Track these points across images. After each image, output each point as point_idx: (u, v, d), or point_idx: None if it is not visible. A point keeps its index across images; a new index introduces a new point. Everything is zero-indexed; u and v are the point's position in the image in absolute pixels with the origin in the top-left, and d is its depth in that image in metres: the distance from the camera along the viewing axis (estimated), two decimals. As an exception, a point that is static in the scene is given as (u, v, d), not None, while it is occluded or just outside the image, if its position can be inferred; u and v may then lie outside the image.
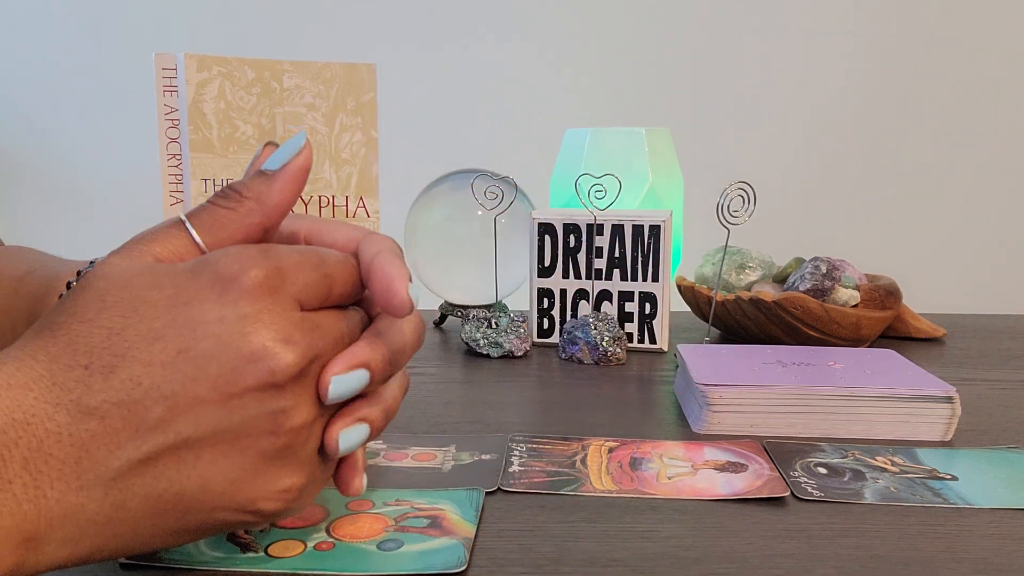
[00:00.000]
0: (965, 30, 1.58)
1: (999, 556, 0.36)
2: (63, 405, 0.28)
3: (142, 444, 0.28)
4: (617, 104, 1.61)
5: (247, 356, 0.29)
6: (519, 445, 0.49)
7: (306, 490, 0.32)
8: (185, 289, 0.30)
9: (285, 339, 0.30)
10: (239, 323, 0.29)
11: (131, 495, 0.29)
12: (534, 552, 0.36)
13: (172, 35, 1.61)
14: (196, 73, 0.69)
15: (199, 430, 0.29)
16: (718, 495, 0.42)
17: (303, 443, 0.31)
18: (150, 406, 0.28)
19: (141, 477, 0.29)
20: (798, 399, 0.52)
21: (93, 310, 0.29)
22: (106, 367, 0.29)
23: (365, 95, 0.76)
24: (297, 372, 0.30)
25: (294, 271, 0.31)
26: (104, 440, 0.28)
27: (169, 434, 0.29)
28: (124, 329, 0.29)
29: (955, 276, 1.61)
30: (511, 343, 0.71)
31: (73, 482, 0.28)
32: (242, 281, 0.30)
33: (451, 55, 1.62)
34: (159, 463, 0.29)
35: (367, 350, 0.33)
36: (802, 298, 0.71)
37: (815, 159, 1.62)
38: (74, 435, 0.28)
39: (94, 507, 0.28)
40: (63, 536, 0.28)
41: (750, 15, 1.59)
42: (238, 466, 0.30)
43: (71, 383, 0.28)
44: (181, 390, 0.29)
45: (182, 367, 0.29)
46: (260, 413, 0.29)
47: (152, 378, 0.29)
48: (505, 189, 0.77)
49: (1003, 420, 0.55)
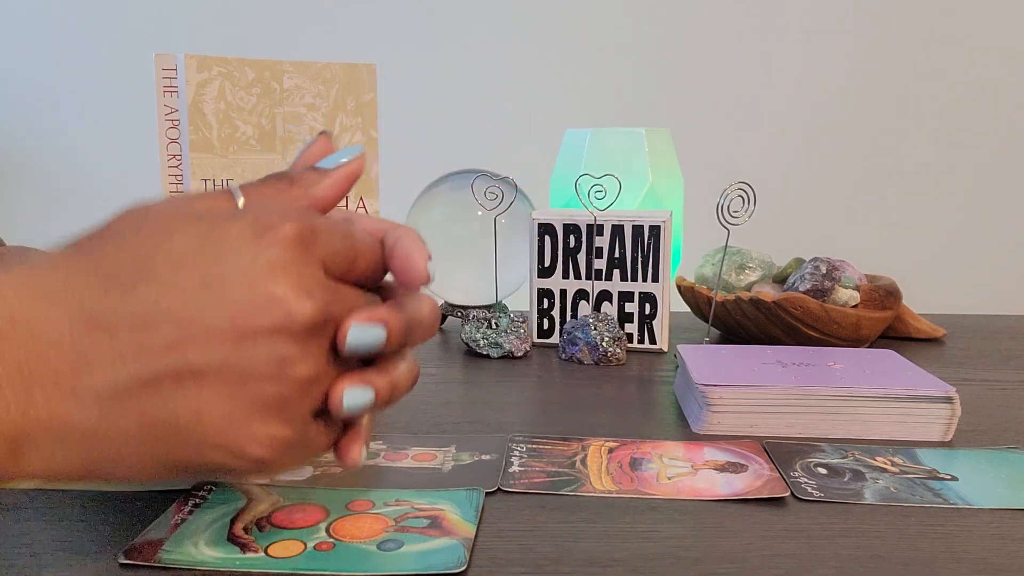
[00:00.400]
0: (965, 30, 1.58)
1: (999, 556, 0.36)
2: (73, 314, 0.28)
3: (148, 364, 0.28)
4: (617, 104, 1.61)
5: (267, 298, 0.29)
6: (519, 445, 0.49)
7: (293, 446, 0.32)
8: (222, 227, 0.30)
9: (307, 291, 0.30)
10: (267, 267, 0.30)
11: (125, 414, 0.29)
12: (534, 552, 0.36)
13: (172, 35, 1.61)
14: (196, 73, 0.69)
15: (206, 361, 0.29)
16: (718, 495, 0.42)
17: (301, 397, 0.31)
18: (163, 328, 0.28)
19: (139, 398, 0.29)
20: (798, 399, 0.52)
21: (127, 236, 0.30)
22: (127, 284, 0.29)
23: (365, 95, 0.76)
24: (311, 324, 0.30)
25: (326, 236, 0.32)
26: (109, 355, 0.28)
27: (176, 359, 0.28)
28: (154, 253, 0.29)
29: (955, 276, 1.60)
30: (511, 343, 0.71)
31: (67, 390, 0.28)
32: (277, 230, 0.30)
33: (451, 55, 1.62)
34: (160, 387, 0.29)
35: (387, 310, 0.34)
36: (802, 298, 0.71)
37: (815, 159, 1.62)
38: (76, 345, 0.28)
39: (82, 418, 0.28)
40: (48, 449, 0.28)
41: (750, 15, 1.59)
42: (235, 404, 0.30)
43: (86, 294, 0.28)
44: (197, 317, 0.29)
45: (203, 296, 0.29)
46: (268, 356, 0.30)
47: (171, 301, 0.29)
48: (505, 189, 0.77)
49: (1003, 420, 0.55)
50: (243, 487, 0.43)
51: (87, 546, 0.37)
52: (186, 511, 0.40)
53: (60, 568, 0.35)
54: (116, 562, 0.35)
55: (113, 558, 0.35)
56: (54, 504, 0.41)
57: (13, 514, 0.40)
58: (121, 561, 0.35)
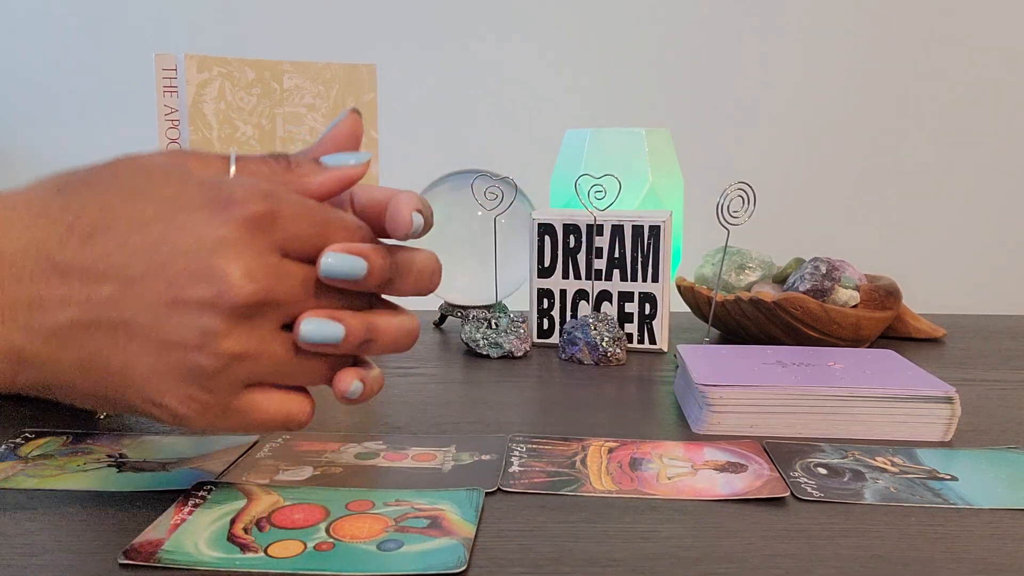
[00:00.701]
0: (965, 30, 1.58)
1: (999, 556, 0.36)
2: (34, 252, 0.31)
3: (88, 311, 0.31)
4: (617, 104, 1.61)
5: (207, 271, 0.31)
6: (519, 445, 0.49)
7: (213, 408, 0.34)
8: (187, 194, 0.32)
9: (247, 273, 0.31)
10: (216, 242, 0.31)
11: (64, 349, 0.32)
12: (534, 552, 0.36)
13: (172, 35, 1.61)
14: (196, 73, 0.69)
15: (138, 318, 0.31)
16: (718, 495, 0.42)
17: (224, 369, 0.33)
18: (108, 282, 0.31)
19: (76, 339, 0.31)
20: (798, 399, 0.52)
21: (103, 182, 0.32)
22: (85, 233, 0.31)
23: (365, 95, 0.76)
24: (245, 304, 0.32)
25: (288, 220, 0.33)
26: (57, 294, 0.31)
27: (113, 313, 0.31)
28: (118, 206, 0.31)
29: (955, 276, 1.60)
30: (511, 343, 0.71)
31: (21, 322, 0.31)
32: (235, 209, 0.32)
33: (451, 55, 1.62)
34: (95, 333, 0.31)
35: (369, 247, 0.35)
36: (802, 298, 0.71)
37: (815, 159, 1.62)
38: (35, 282, 0.31)
39: (32, 351, 0.32)
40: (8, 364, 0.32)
41: (750, 15, 1.59)
42: (159, 361, 0.32)
43: (50, 235, 0.31)
44: (139, 278, 0.31)
45: (150, 258, 0.31)
46: (195, 326, 0.31)
47: (120, 257, 0.31)
48: (505, 189, 0.77)
49: (1003, 420, 0.55)
50: (243, 487, 0.43)
51: (87, 546, 0.37)
52: (186, 511, 0.39)
53: (60, 568, 0.35)
54: (116, 562, 0.35)
55: (113, 558, 0.35)
56: (54, 504, 0.41)
57: (13, 514, 0.40)
58: (121, 561, 0.35)
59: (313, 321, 0.34)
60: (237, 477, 0.44)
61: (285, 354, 0.34)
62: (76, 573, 0.34)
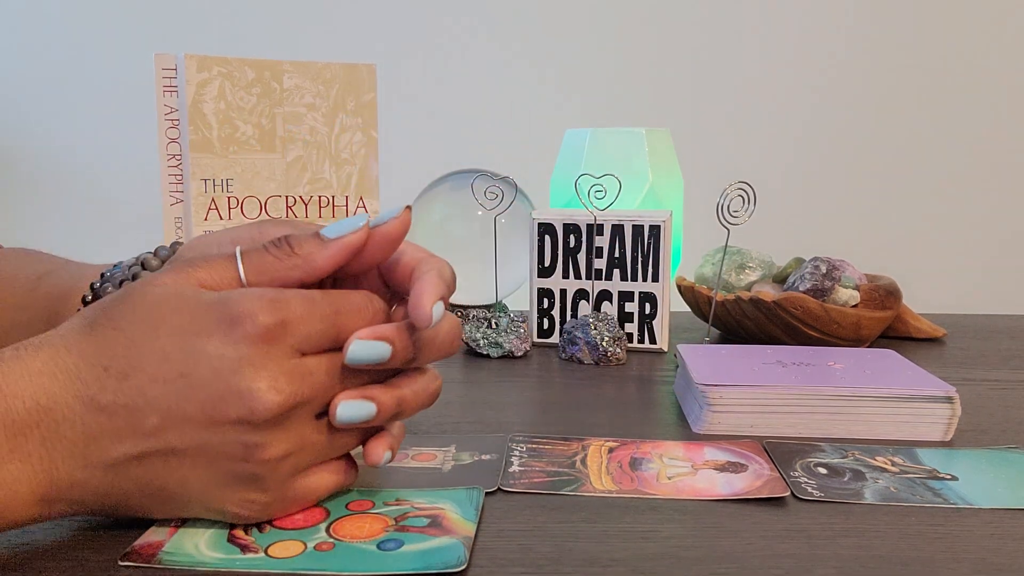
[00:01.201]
0: (965, 30, 1.58)
1: (999, 556, 0.36)
2: (80, 398, 0.33)
3: (137, 444, 0.34)
4: (617, 104, 1.60)
5: (234, 392, 0.33)
6: (519, 445, 0.49)
7: (272, 505, 0.37)
8: (200, 319, 0.34)
9: (272, 385, 0.34)
10: (235, 362, 0.33)
11: (125, 479, 0.34)
12: (534, 552, 0.36)
13: (172, 35, 1.61)
14: (196, 73, 0.69)
15: (183, 443, 0.34)
16: (718, 495, 0.42)
17: (271, 471, 0.35)
18: (149, 415, 0.33)
19: (134, 468, 0.34)
20: (798, 399, 0.52)
21: (126, 320, 0.34)
22: (121, 373, 0.34)
23: (365, 95, 0.76)
24: (275, 415, 0.34)
25: (299, 323, 0.35)
26: (109, 433, 0.33)
27: (160, 441, 0.34)
28: (143, 343, 0.34)
29: (955, 276, 1.60)
30: (511, 343, 0.71)
31: (80, 461, 0.34)
32: (247, 326, 0.34)
33: (451, 55, 1.62)
34: (149, 461, 0.34)
35: (393, 329, 0.37)
36: (802, 298, 0.71)
37: (815, 159, 1.62)
38: (86, 424, 0.33)
39: (95, 483, 0.34)
40: (70, 499, 0.34)
41: (750, 15, 1.59)
42: (212, 475, 0.35)
43: (91, 380, 0.33)
44: (176, 407, 0.33)
45: (180, 388, 0.33)
46: (236, 441, 0.34)
47: (154, 391, 0.33)
48: (505, 189, 0.77)
49: (1003, 420, 0.55)
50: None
51: (87, 547, 0.37)
52: (186, 511, 0.39)
53: (60, 569, 0.35)
54: (116, 563, 0.35)
55: (113, 559, 0.35)
56: (54, 504, 0.41)
57: (13, 514, 0.40)
58: (121, 563, 0.35)
59: (347, 405, 0.36)
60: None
61: (324, 438, 0.37)
62: (76, 573, 0.34)
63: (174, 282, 0.36)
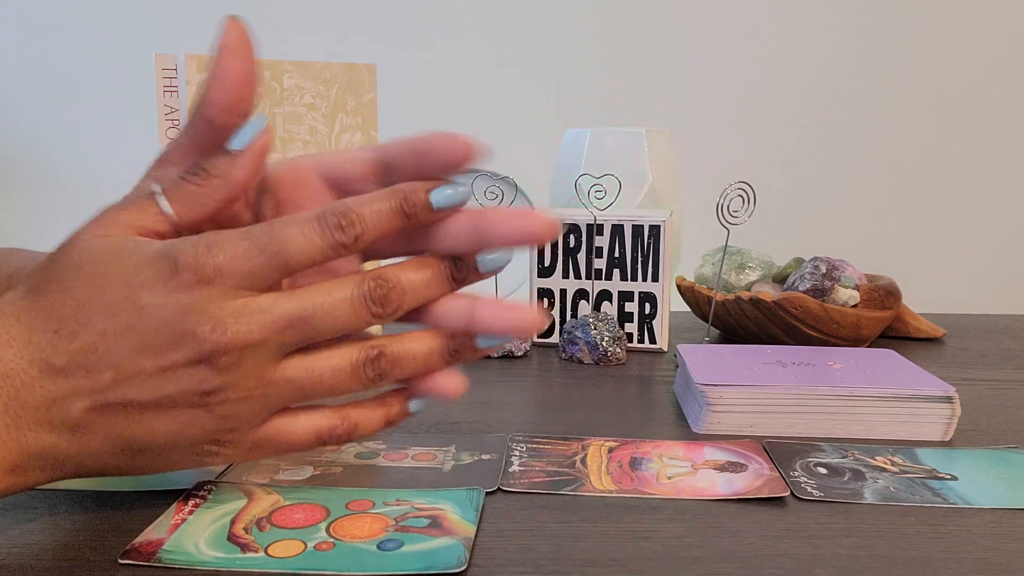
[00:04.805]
0: (965, 30, 1.58)
1: (999, 556, 0.36)
2: (36, 363, 0.34)
3: (96, 399, 0.34)
4: (617, 104, 1.61)
5: (180, 338, 0.34)
6: (519, 445, 0.49)
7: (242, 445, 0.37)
8: (142, 271, 0.34)
9: (215, 327, 0.34)
10: (178, 310, 0.34)
11: (93, 437, 0.35)
12: (534, 552, 0.36)
13: (172, 35, 1.61)
14: (196, 73, 0.69)
15: (141, 395, 0.34)
16: (718, 495, 0.42)
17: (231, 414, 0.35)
18: (103, 370, 0.34)
19: (98, 424, 0.34)
20: (798, 399, 0.52)
21: (69, 279, 0.35)
22: (71, 334, 0.34)
23: (365, 95, 0.76)
24: (224, 353, 0.34)
25: (235, 261, 0.34)
26: (68, 394, 0.34)
27: (117, 394, 0.34)
28: (89, 301, 0.34)
29: (955, 276, 1.60)
30: (511, 343, 0.71)
31: (46, 425, 0.34)
32: (184, 274, 0.34)
33: (451, 55, 1.62)
34: (112, 414, 0.34)
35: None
36: (802, 298, 0.71)
37: (815, 159, 1.62)
38: (44, 388, 0.34)
39: (65, 445, 0.34)
40: (42, 465, 0.35)
41: (750, 15, 1.59)
42: (175, 424, 0.35)
43: (44, 344, 0.34)
44: (127, 360, 0.34)
45: (130, 341, 0.34)
46: (191, 388, 0.34)
47: (105, 347, 0.34)
48: (505, 189, 0.77)
49: (1003, 420, 0.55)
50: (243, 487, 0.43)
51: (87, 546, 0.37)
52: (186, 511, 0.40)
53: (60, 568, 0.35)
54: (116, 562, 0.35)
55: (113, 558, 0.35)
56: (54, 504, 0.41)
57: (13, 514, 0.40)
58: (121, 561, 0.35)
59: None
60: (237, 477, 0.44)
61: (294, 380, 0.36)
62: (76, 573, 0.34)
63: (109, 233, 0.36)
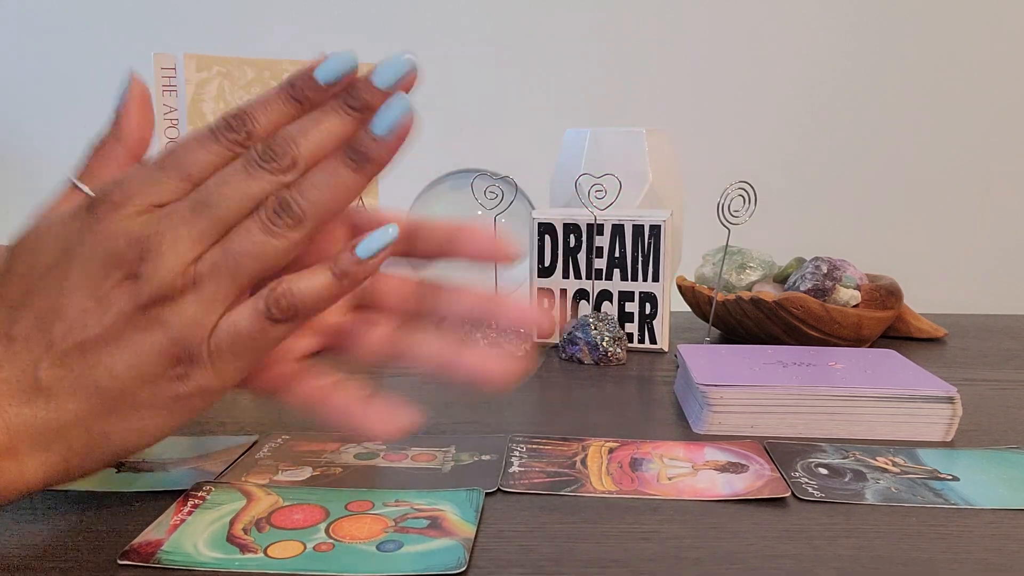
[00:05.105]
0: (966, 30, 1.58)
1: (1000, 556, 0.36)
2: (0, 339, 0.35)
3: (55, 353, 0.35)
4: (617, 104, 1.60)
5: (105, 263, 0.35)
6: (519, 445, 0.49)
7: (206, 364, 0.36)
8: (67, 225, 0.36)
9: (129, 240, 0.35)
10: (98, 241, 0.35)
11: (62, 394, 0.35)
12: (534, 553, 0.36)
13: (172, 35, 1.61)
14: (195, 73, 0.69)
15: (89, 331, 0.35)
16: (719, 496, 0.42)
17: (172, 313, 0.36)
18: (54, 323, 0.35)
19: (65, 380, 0.35)
20: (799, 399, 0.52)
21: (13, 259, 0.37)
22: (20, 304, 0.36)
23: (365, 95, 0.76)
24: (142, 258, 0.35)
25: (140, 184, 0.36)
26: (30, 359, 0.35)
27: (69, 340, 0.35)
28: (30, 269, 0.36)
29: (956, 276, 1.60)
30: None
31: (21, 396, 0.35)
32: (98, 210, 0.36)
33: (451, 54, 1.62)
34: (71, 363, 0.35)
35: None
36: (803, 298, 0.71)
37: (815, 159, 1.62)
38: (11, 361, 0.35)
39: (43, 414, 0.35)
40: (31, 444, 0.35)
41: (750, 15, 1.59)
42: (130, 353, 0.35)
43: (2, 320, 0.36)
44: (71, 305, 0.35)
45: (70, 287, 0.35)
46: (127, 304, 0.35)
47: (49, 303, 0.35)
48: (505, 189, 0.76)
49: (1004, 420, 0.55)
50: (242, 488, 0.43)
51: (86, 547, 0.36)
52: (185, 512, 0.39)
53: (59, 569, 0.35)
54: (115, 563, 0.35)
55: (112, 559, 0.35)
56: (54, 504, 0.41)
57: (13, 514, 0.40)
58: (120, 562, 0.35)
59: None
60: (236, 477, 0.44)
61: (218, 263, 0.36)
62: (75, 574, 0.34)
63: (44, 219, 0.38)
